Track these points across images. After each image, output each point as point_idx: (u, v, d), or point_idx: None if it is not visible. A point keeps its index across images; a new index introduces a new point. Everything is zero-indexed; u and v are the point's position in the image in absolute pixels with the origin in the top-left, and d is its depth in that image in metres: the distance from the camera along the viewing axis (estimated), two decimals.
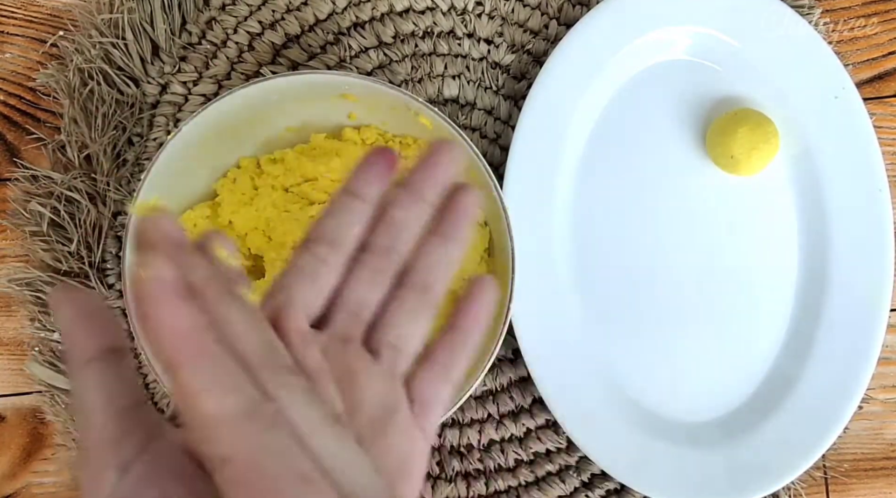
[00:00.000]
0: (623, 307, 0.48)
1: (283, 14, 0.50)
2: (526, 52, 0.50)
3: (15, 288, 0.47)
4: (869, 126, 0.47)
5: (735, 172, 0.47)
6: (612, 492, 0.48)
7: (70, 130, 0.48)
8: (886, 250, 0.46)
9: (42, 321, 0.47)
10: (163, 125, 0.49)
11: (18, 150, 0.50)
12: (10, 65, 0.50)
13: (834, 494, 0.49)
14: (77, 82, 0.48)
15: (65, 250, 0.47)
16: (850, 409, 0.46)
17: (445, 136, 0.42)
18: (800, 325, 0.47)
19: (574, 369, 0.46)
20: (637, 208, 0.48)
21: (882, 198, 0.47)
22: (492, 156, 0.49)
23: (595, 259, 0.48)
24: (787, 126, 0.47)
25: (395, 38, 0.50)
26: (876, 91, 0.51)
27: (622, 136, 0.48)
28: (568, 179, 0.48)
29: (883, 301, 0.46)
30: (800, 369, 0.47)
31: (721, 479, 0.46)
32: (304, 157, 0.45)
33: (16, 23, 0.50)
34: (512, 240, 0.41)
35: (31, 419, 0.48)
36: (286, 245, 0.44)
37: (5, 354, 0.49)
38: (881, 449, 0.49)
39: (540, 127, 0.47)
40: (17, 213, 0.48)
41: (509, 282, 0.40)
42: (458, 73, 0.50)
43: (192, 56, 0.49)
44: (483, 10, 0.50)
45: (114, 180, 0.48)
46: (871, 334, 0.46)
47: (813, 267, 0.48)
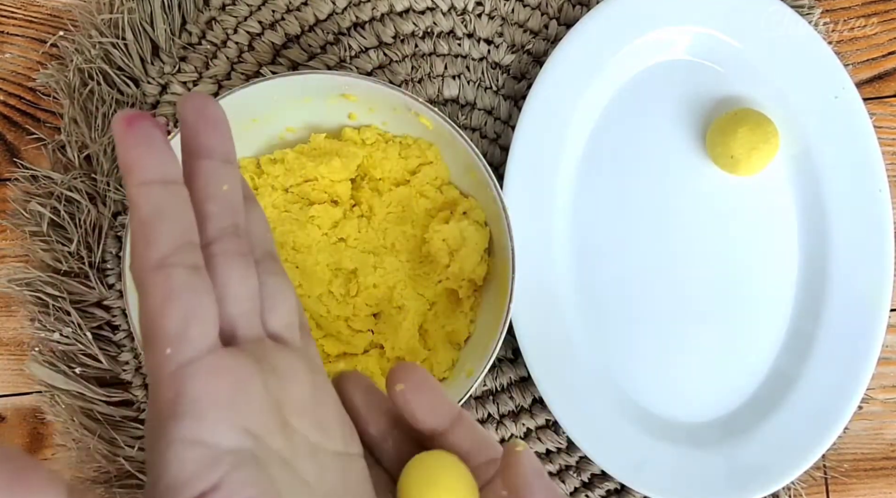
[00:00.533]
0: (623, 307, 0.48)
1: (283, 14, 0.50)
2: (526, 52, 0.50)
3: (15, 288, 0.47)
4: (869, 126, 0.47)
5: (735, 172, 0.47)
6: (612, 492, 0.48)
7: (70, 130, 0.48)
8: (886, 250, 0.46)
9: (42, 321, 0.47)
10: None
11: (18, 150, 0.50)
12: (10, 65, 0.50)
13: (834, 494, 0.49)
14: (77, 82, 0.48)
15: (65, 250, 0.47)
16: (850, 409, 0.46)
17: (444, 135, 0.42)
18: (800, 325, 0.47)
19: (574, 369, 0.46)
20: (637, 208, 0.48)
21: (882, 198, 0.47)
22: (492, 156, 0.49)
23: (595, 259, 0.48)
24: (787, 126, 0.47)
25: (395, 39, 0.50)
26: (876, 91, 0.51)
27: (622, 136, 0.48)
28: (568, 179, 0.48)
29: (883, 301, 0.46)
30: (800, 369, 0.47)
31: (721, 479, 0.46)
32: (304, 157, 0.45)
33: (16, 23, 0.50)
34: (512, 240, 0.41)
35: (31, 419, 0.48)
36: (286, 245, 0.44)
37: (5, 354, 0.49)
38: (881, 449, 0.49)
39: (540, 127, 0.47)
40: (17, 213, 0.48)
41: (509, 282, 0.40)
42: (458, 73, 0.50)
43: (192, 56, 0.49)
44: (483, 11, 0.50)
45: (114, 180, 0.48)
46: (871, 334, 0.46)
47: (813, 267, 0.48)
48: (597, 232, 0.48)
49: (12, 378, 0.49)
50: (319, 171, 0.44)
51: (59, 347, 0.47)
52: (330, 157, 0.44)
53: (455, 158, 0.45)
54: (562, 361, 0.46)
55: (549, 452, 0.48)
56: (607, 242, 0.48)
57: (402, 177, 0.45)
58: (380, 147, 0.45)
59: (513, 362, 0.49)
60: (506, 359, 0.49)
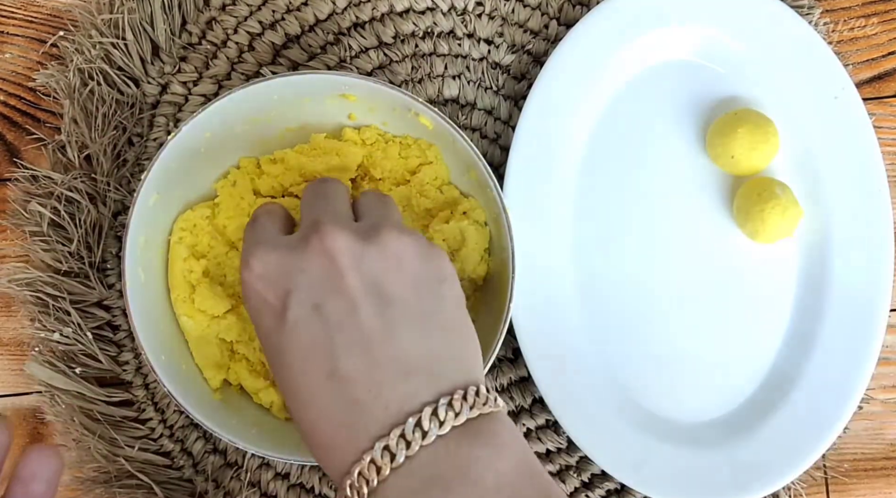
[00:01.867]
0: (623, 307, 0.48)
1: (283, 14, 0.50)
2: (526, 53, 0.50)
3: (15, 288, 0.47)
4: (869, 126, 0.47)
5: (735, 172, 0.47)
6: (612, 492, 0.48)
7: (70, 131, 0.48)
8: (886, 250, 0.46)
9: (42, 321, 0.47)
10: (163, 125, 0.49)
11: (18, 150, 0.50)
12: (10, 65, 0.50)
13: (834, 494, 0.49)
14: (77, 82, 0.48)
15: (65, 250, 0.47)
16: (850, 409, 0.46)
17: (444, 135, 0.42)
18: (800, 325, 0.47)
19: (574, 369, 0.46)
20: (637, 208, 0.48)
21: (882, 198, 0.47)
22: (492, 156, 0.49)
23: (595, 259, 0.48)
24: (787, 126, 0.47)
25: (396, 39, 0.50)
26: (876, 91, 0.51)
27: (622, 136, 0.48)
28: (568, 179, 0.48)
29: (883, 301, 0.46)
30: (800, 369, 0.47)
31: (721, 479, 0.46)
32: (304, 158, 0.45)
33: (16, 23, 0.50)
34: (512, 240, 0.41)
35: (31, 419, 0.48)
36: None
37: (5, 354, 0.49)
38: (881, 449, 0.49)
39: (540, 127, 0.47)
40: (17, 214, 0.48)
41: (509, 282, 0.40)
42: (459, 73, 0.50)
43: (192, 56, 0.49)
44: (483, 11, 0.50)
45: (114, 180, 0.48)
46: (871, 334, 0.46)
47: (813, 267, 0.48)
48: (597, 232, 0.48)
49: (12, 378, 0.49)
50: (319, 171, 0.44)
51: (60, 347, 0.47)
52: (330, 158, 0.44)
53: (455, 158, 0.45)
54: (562, 361, 0.46)
55: (549, 453, 0.48)
56: (607, 242, 0.48)
57: (402, 177, 0.45)
58: (380, 147, 0.45)
59: (513, 362, 0.49)
60: (506, 359, 0.49)
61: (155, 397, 0.48)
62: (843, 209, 0.47)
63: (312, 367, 0.31)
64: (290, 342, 0.31)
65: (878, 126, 0.50)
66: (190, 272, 0.43)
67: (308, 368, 0.31)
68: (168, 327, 0.43)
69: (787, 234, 0.46)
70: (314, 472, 0.48)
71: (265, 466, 0.48)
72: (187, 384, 0.42)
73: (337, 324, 0.31)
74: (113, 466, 0.46)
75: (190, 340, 0.44)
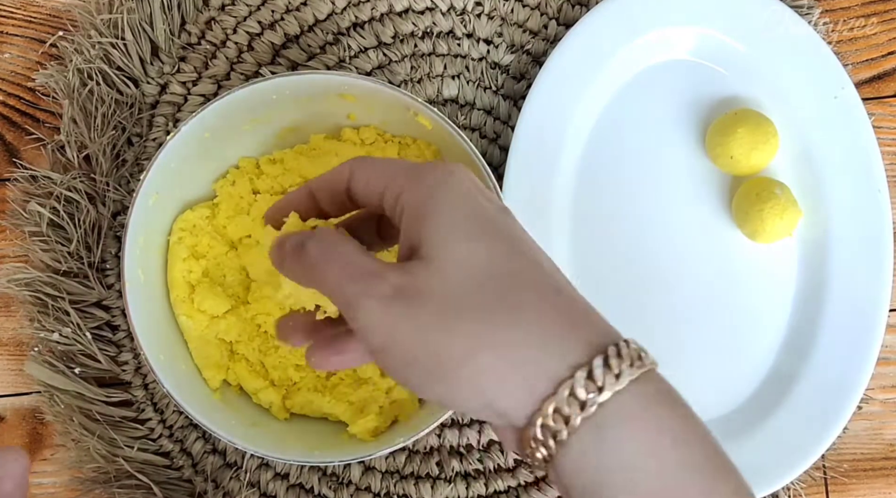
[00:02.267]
0: (622, 307, 0.48)
1: (282, 14, 0.50)
2: (525, 53, 0.50)
3: (15, 288, 0.47)
4: (868, 126, 0.47)
5: (735, 172, 0.47)
6: None
7: (69, 131, 0.48)
8: (886, 250, 0.46)
9: (42, 321, 0.47)
10: (162, 125, 0.49)
11: (18, 150, 0.50)
12: (9, 65, 0.50)
13: (833, 494, 0.49)
14: (76, 82, 0.48)
15: (64, 250, 0.47)
16: (850, 409, 0.46)
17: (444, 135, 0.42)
18: (799, 324, 0.47)
19: None
20: (636, 208, 0.48)
21: (882, 198, 0.47)
22: (492, 156, 0.49)
23: (594, 259, 0.48)
24: (787, 126, 0.47)
25: (395, 39, 0.50)
26: (875, 91, 0.51)
27: (622, 136, 0.48)
28: (568, 179, 0.48)
29: (883, 301, 0.46)
30: (799, 369, 0.47)
31: None
32: (304, 158, 0.45)
33: (15, 23, 0.50)
34: None
35: (31, 419, 0.48)
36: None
37: (5, 354, 0.49)
38: (881, 449, 0.49)
39: (540, 127, 0.47)
40: (17, 214, 0.48)
41: None
42: (458, 73, 0.50)
43: (192, 56, 0.49)
44: (482, 11, 0.50)
45: (113, 180, 0.48)
46: (871, 334, 0.46)
47: (812, 267, 0.48)
48: (596, 232, 0.48)
49: (12, 378, 0.49)
50: (319, 171, 0.44)
51: (59, 347, 0.47)
52: (329, 158, 0.44)
53: (454, 158, 0.44)
54: None
55: None
56: (606, 242, 0.48)
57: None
58: (379, 147, 0.45)
59: None
60: None
61: (154, 397, 0.48)
62: (843, 209, 0.47)
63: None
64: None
65: (878, 126, 0.50)
66: (189, 272, 0.43)
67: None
68: (167, 327, 0.43)
69: (787, 234, 0.46)
70: (313, 472, 0.48)
71: (264, 466, 0.48)
72: (186, 384, 0.42)
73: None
74: (112, 467, 0.46)
75: (189, 340, 0.44)
